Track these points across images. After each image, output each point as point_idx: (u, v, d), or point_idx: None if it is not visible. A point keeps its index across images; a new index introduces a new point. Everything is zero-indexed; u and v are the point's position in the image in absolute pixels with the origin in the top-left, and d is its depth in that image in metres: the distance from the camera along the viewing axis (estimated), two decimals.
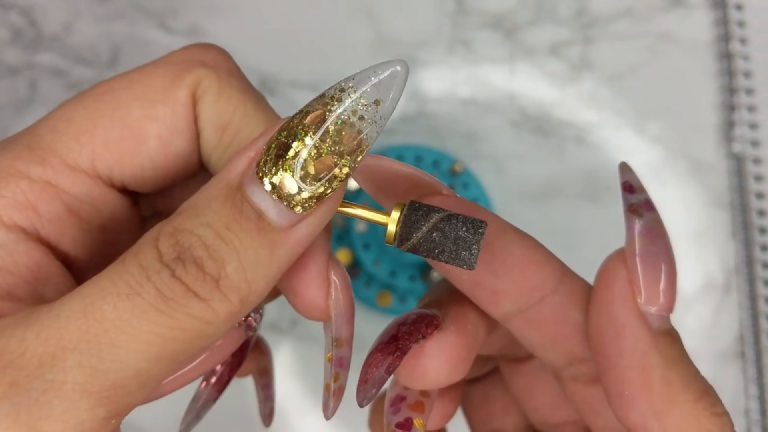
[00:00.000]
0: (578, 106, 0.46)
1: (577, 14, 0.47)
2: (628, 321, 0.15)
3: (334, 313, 0.17)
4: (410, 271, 0.41)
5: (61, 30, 0.46)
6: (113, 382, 0.13)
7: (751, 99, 0.46)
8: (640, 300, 0.15)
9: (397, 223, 0.16)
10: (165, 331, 0.13)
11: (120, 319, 0.13)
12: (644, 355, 0.15)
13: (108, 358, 0.13)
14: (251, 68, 0.46)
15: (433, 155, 0.43)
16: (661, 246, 0.15)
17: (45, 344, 0.12)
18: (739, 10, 0.47)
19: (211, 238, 0.14)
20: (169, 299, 0.13)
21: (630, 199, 0.16)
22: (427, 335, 0.17)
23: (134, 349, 0.13)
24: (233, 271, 0.14)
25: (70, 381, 0.12)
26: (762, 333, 0.44)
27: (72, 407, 0.12)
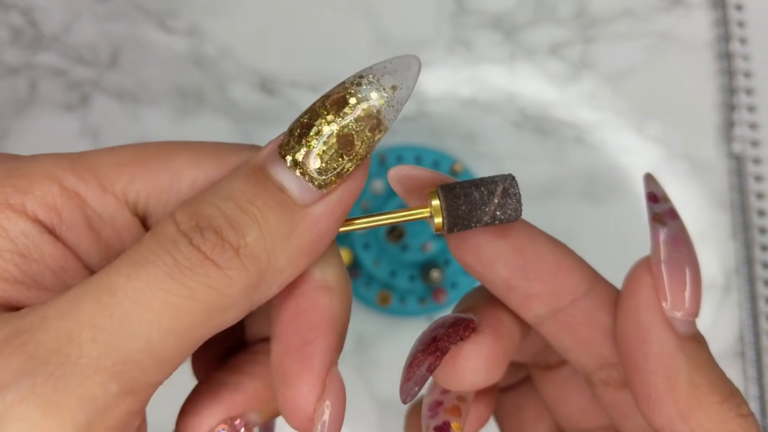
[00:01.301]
0: (578, 106, 0.46)
1: (577, 14, 0.47)
2: (654, 326, 0.16)
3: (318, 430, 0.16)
4: (410, 271, 0.41)
5: (61, 30, 0.46)
6: (126, 356, 0.13)
7: (751, 99, 0.46)
8: (665, 306, 0.16)
9: (440, 210, 0.16)
10: (179, 301, 0.13)
11: (133, 289, 0.13)
12: (671, 359, 0.16)
13: (120, 332, 0.13)
14: (251, 68, 0.46)
15: (433, 155, 0.43)
16: (686, 253, 0.16)
17: (62, 320, 0.13)
18: (739, 10, 0.47)
19: (231, 209, 0.14)
20: (186, 268, 0.13)
21: (654, 208, 0.17)
22: (465, 337, 0.17)
23: (146, 320, 0.13)
24: (253, 240, 0.14)
25: (84, 355, 0.12)
26: (762, 333, 0.44)
27: (86, 382, 0.12)
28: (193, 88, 0.46)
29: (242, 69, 0.46)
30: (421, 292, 0.42)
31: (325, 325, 0.16)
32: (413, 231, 0.41)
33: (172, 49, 0.46)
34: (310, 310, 0.16)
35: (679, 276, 0.16)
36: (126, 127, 0.45)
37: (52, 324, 0.13)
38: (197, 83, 0.46)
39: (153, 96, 0.46)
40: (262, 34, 0.46)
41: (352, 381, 0.44)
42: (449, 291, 0.42)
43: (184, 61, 0.46)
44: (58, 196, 0.15)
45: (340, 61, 0.46)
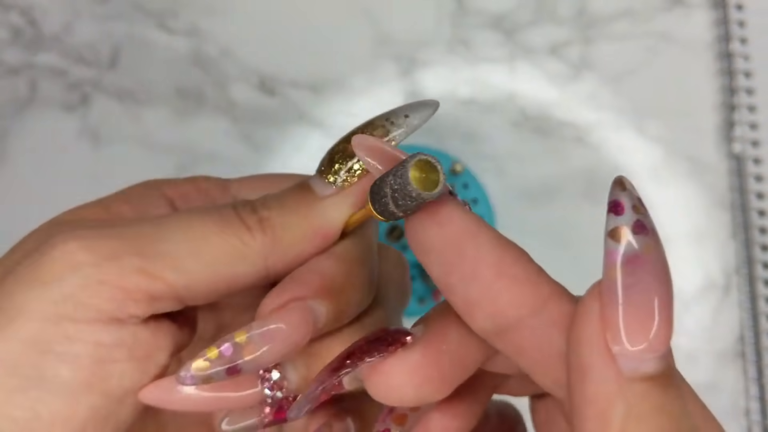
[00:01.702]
0: (578, 106, 0.46)
1: (577, 14, 0.47)
2: (594, 364, 0.13)
3: None
4: (410, 272, 0.41)
5: (61, 30, 0.46)
6: (156, 249, 0.17)
7: (751, 99, 0.46)
8: (609, 339, 0.13)
9: (370, 204, 0.17)
10: (211, 235, 0.18)
11: (188, 218, 0.18)
12: (605, 404, 0.13)
13: (162, 234, 0.18)
14: (251, 68, 0.46)
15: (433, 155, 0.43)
16: (648, 277, 0.13)
17: (141, 224, 0.18)
18: (739, 10, 0.47)
19: (270, 198, 0.19)
20: (225, 220, 0.18)
21: (613, 221, 0.14)
22: (385, 353, 0.16)
23: (182, 237, 0.18)
24: (274, 214, 0.19)
25: (132, 234, 0.18)
26: (762, 333, 0.44)
27: (119, 245, 0.17)
28: (193, 88, 0.46)
29: (242, 69, 0.46)
30: (421, 292, 0.42)
31: (313, 270, 0.19)
32: None
33: (172, 49, 0.46)
34: (313, 260, 0.19)
35: (633, 304, 0.13)
36: (126, 127, 0.45)
37: (135, 223, 0.18)
38: (197, 83, 0.46)
39: (153, 96, 0.46)
40: (262, 34, 0.46)
41: None
42: None
43: (184, 61, 0.46)
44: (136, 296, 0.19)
45: (340, 61, 0.46)
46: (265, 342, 0.17)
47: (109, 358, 0.17)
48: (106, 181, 0.45)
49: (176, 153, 0.45)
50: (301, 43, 0.46)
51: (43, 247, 0.18)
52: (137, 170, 0.45)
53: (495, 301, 0.15)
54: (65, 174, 0.45)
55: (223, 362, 0.17)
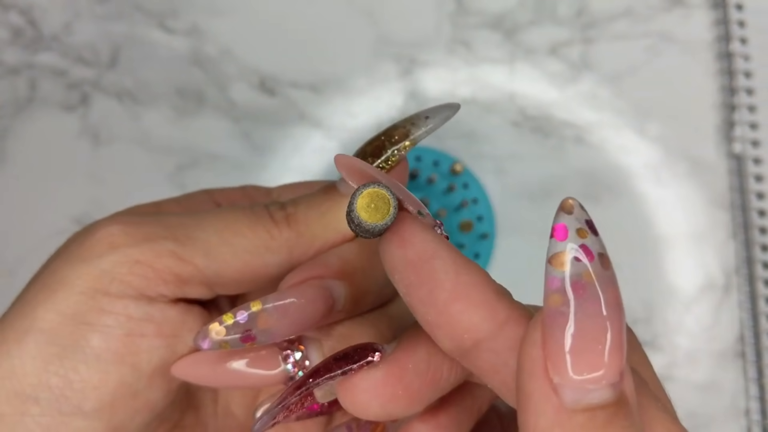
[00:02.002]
0: (578, 106, 0.46)
1: (577, 14, 0.47)
2: (533, 394, 0.13)
3: None
4: None
5: (61, 30, 0.46)
6: (189, 235, 0.19)
7: (752, 99, 0.46)
8: (551, 370, 0.13)
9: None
10: (240, 226, 0.20)
11: (222, 212, 0.20)
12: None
13: (196, 224, 0.19)
14: (251, 68, 0.46)
15: (433, 155, 0.43)
16: (588, 304, 0.13)
17: (181, 216, 0.20)
18: (739, 10, 0.47)
19: (299, 198, 0.21)
20: (256, 212, 0.20)
21: (553, 247, 0.13)
22: (349, 372, 0.16)
23: (214, 228, 0.19)
24: (300, 210, 0.20)
25: (170, 224, 0.19)
26: (762, 333, 0.44)
27: (155, 231, 0.19)
28: (193, 88, 0.46)
29: (242, 69, 0.46)
30: None
31: (335, 253, 0.20)
32: None
33: (172, 49, 0.46)
34: (337, 246, 0.21)
35: (574, 334, 0.13)
36: (126, 127, 0.45)
37: (174, 214, 0.20)
38: (197, 83, 0.46)
39: (153, 96, 0.46)
40: (262, 34, 0.46)
41: None
42: None
43: (184, 61, 0.46)
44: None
45: (340, 61, 0.46)
46: (280, 314, 0.18)
47: (139, 331, 0.19)
48: (106, 181, 0.45)
49: (176, 153, 0.45)
50: (301, 43, 0.46)
51: (88, 228, 0.20)
52: (137, 170, 0.45)
53: (451, 325, 0.15)
54: (65, 174, 0.45)
55: (237, 329, 0.18)
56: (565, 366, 0.13)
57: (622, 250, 0.45)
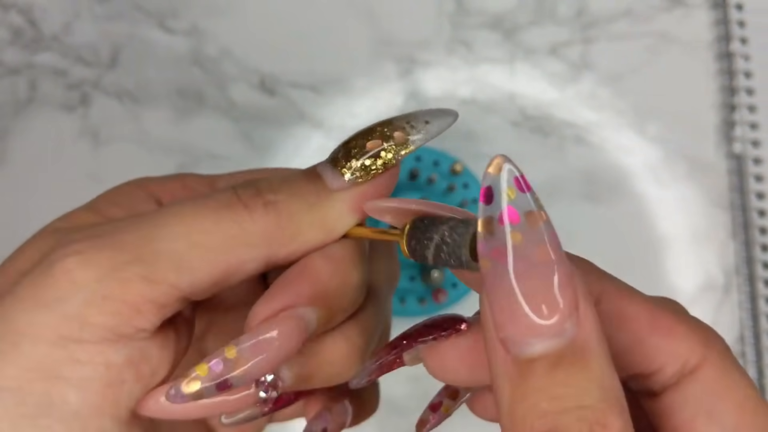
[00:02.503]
0: (578, 106, 0.46)
1: (577, 14, 0.47)
2: (488, 349, 0.14)
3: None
4: (410, 272, 0.41)
5: (61, 30, 0.46)
6: (154, 250, 0.17)
7: (752, 99, 0.46)
8: (496, 327, 0.14)
9: (405, 236, 0.17)
10: (206, 222, 0.17)
11: (180, 209, 0.17)
12: (498, 387, 0.14)
13: (157, 233, 0.17)
14: (251, 68, 0.46)
15: (433, 155, 0.43)
16: (517, 263, 0.14)
17: (129, 223, 0.17)
18: (739, 10, 0.47)
19: (276, 181, 0.18)
20: (221, 201, 0.17)
21: (482, 211, 0.14)
22: (439, 338, 0.18)
23: (178, 231, 0.17)
24: (282, 199, 0.18)
25: (125, 240, 0.17)
26: (762, 333, 0.44)
27: (116, 255, 0.17)
28: (193, 88, 0.46)
29: (242, 69, 0.46)
30: (421, 292, 0.42)
31: (305, 275, 0.18)
32: None
33: (172, 49, 0.46)
34: (304, 262, 0.18)
35: (500, 294, 0.14)
36: (126, 127, 0.45)
37: (122, 224, 0.17)
38: (197, 83, 0.46)
39: (153, 96, 0.46)
40: (263, 35, 0.46)
41: None
42: (449, 291, 0.42)
43: (184, 62, 0.46)
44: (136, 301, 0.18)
45: (341, 61, 0.46)
46: (256, 354, 0.17)
47: (119, 379, 0.17)
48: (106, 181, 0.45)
49: (176, 153, 0.45)
50: (301, 43, 0.46)
51: (41, 266, 0.17)
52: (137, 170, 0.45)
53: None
54: (65, 174, 0.45)
55: (213, 378, 0.17)
56: (503, 321, 0.14)
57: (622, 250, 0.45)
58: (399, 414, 0.43)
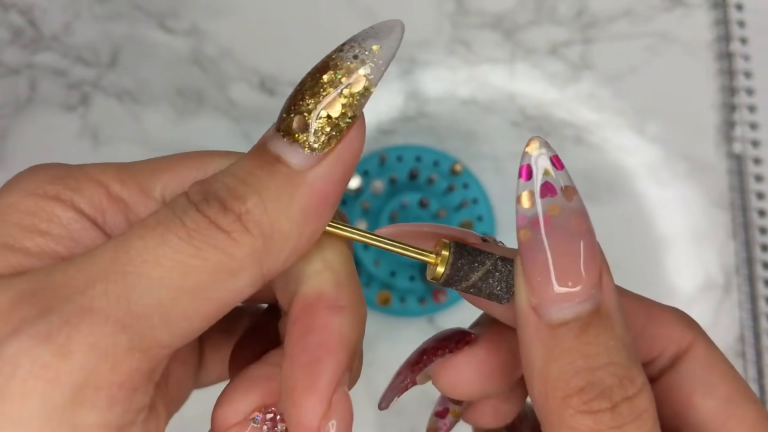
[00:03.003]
0: (578, 106, 0.46)
1: (577, 14, 0.47)
2: (519, 315, 0.15)
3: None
4: (410, 271, 0.41)
5: (61, 30, 0.46)
6: (136, 311, 0.13)
7: (752, 99, 0.46)
8: (528, 293, 0.15)
9: (446, 263, 0.16)
10: (186, 259, 0.14)
11: (145, 248, 0.14)
12: (526, 350, 0.15)
13: (132, 286, 0.14)
14: (251, 68, 0.46)
15: (433, 155, 0.43)
16: (550, 236, 0.15)
17: (80, 275, 0.14)
18: (739, 10, 0.47)
19: (233, 182, 0.15)
20: (192, 230, 0.14)
21: (520, 187, 0.16)
22: (454, 350, 0.18)
23: (156, 277, 0.14)
24: (253, 206, 0.15)
25: (96, 306, 0.13)
26: (762, 333, 0.44)
27: (96, 331, 0.13)
28: (193, 88, 0.46)
29: (242, 69, 0.46)
30: (421, 292, 0.42)
31: (333, 344, 0.16)
32: None
33: (172, 49, 0.46)
34: (320, 328, 0.16)
35: (536, 263, 0.15)
36: (126, 127, 0.45)
37: (69, 277, 0.14)
38: (197, 83, 0.46)
39: (153, 96, 0.46)
40: (262, 35, 0.46)
41: None
42: (449, 291, 0.42)
43: (184, 62, 0.46)
44: (104, 198, 0.17)
45: None
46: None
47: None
48: None
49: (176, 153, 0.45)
50: (301, 43, 0.46)
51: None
52: None
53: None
54: None
55: None
56: (538, 288, 0.15)
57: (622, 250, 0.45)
58: (399, 414, 0.43)
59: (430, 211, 0.41)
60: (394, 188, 0.42)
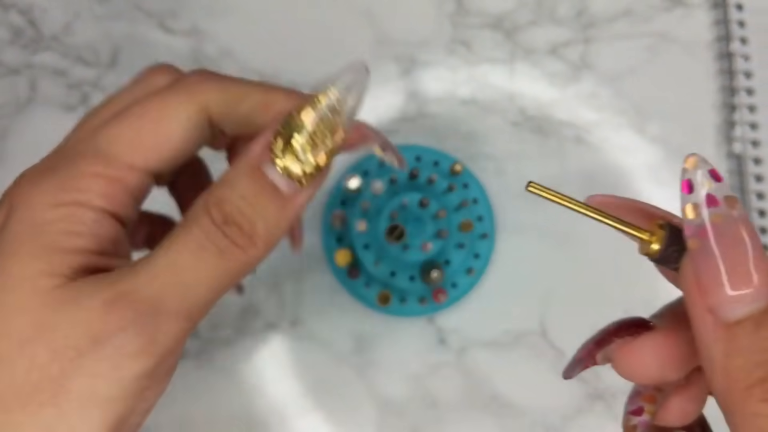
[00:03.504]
0: (578, 106, 0.46)
1: (577, 14, 0.47)
2: (695, 318, 0.17)
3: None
4: (410, 271, 0.41)
5: (61, 30, 0.46)
6: (191, 305, 0.20)
7: (752, 99, 0.46)
8: (703, 296, 0.17)
9: (662, 241, 0.19)
10: (220, 273, 0.21)
11: (196, 267, 0.20)
12: (706, 349, 0.17)
13: (189, 292, 0.20)
14: (251, 68, 0.46)
15: (433, 155, 0.43)
16: (718, 242, 0.17)
17: (151, 286, 0.20)
18: (739, 10, 0.47)
19: (245, 207, 0.21)
20: (223, 251, 0.20)
21: (683, 200, 0.18)
22: (635, 334, 0.20)
23: (204, 284, 0.20)
24: (261, 228, 0.21)
25: (171, 307, 0.20)
26: None
27: (174, 323, 0.20)
28: None
29: (242, 69, 0.46)
30: (421, 292, 0.42)
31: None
32: (413, 231, 0.41)
33: (173, 49, 0.46)
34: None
35: (708, 267, 0.17)
36: None
37: (145, 290, 0.20)
38: None
39: None
40: (263, 34, 0.46)
41: (352, 381, 0.43)
42: (449, 291, 0.42)
43: (184, 61, 0.46)
44: (107, 186, 0.22)
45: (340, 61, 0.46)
46: None
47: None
48: None
49: None
50: (301, 43, 0.46)
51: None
52: None
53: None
54: None
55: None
56: (713, 292, 0.16)
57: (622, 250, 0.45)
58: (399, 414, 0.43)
59: (430, 211, 0.41)
60: (394, 188, 0.42)
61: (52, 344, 0.19)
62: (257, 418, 0.34)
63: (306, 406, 0.43)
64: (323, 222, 0.43)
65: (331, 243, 0.42)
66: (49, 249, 0.20)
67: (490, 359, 0.44)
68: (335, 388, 0.43)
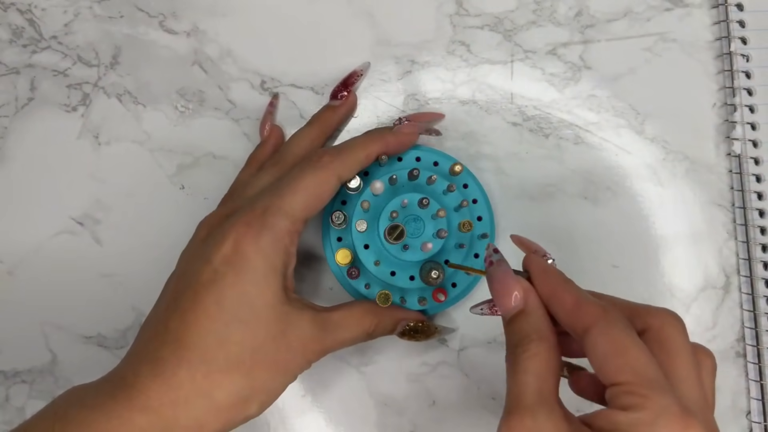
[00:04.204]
0: (578, 107, 0.46)
1: (577, 15, 0.47)
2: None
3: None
4: (410, 271, 0.41)
5: (61, 30, 0.46)
6: (341, 346, 0.38)
7: (752, 99, 0.46)
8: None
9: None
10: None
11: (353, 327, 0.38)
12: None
13: (346, 340, 0.38)
14: (251, 69, 0.46)
15: (433, 155, 0.43)
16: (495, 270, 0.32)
17: (332, 317, 0.37)
18: (739, 10, 0.47)
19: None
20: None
21: (489, 257, 0.33)
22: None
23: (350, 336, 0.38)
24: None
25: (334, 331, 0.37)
26: (762, 333, 0.44)
27: (333, 343, 0.37)
28: (193, 88, 0.46)
29: (243, 70, 0.46)
30: (421, 292, 0.42)
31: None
32: (413, 231, 0.41)
33: (173, 49, 0.46)
34: None
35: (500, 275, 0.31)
36: (126, 128, 0.45)
37: (329, 315, 0.37)
38: (197, 83, 0.46)
39: (153, 96, 0.46)
40: (263, 35, 0.46)
41: (352, 381, 0.44)
42: (449, 291, 0.42)
43: (185, 62, 0.46)
44: (293, 235, 0.35)
45: (341, 62, 0.46)
46: None
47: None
48: (106, 181, 0.45)
49: (177, 153, 0.45)
50: (302, 44, 0.46)
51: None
52: (137, 170, 0.45)
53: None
54: (65, 174, 0.45)
55: None
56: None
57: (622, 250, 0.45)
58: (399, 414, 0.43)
59: (430, 211, 0.41)
60: (394, 188, 0.42)
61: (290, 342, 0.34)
62: (257, 417, 0.34)
63: (306, 406, 0.43)
64: (323, 222, 0.43)
65: (331, 243, 0.42)
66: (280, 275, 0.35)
67: (490, 359, 0.44)
68: (335, 388, 0.43)
